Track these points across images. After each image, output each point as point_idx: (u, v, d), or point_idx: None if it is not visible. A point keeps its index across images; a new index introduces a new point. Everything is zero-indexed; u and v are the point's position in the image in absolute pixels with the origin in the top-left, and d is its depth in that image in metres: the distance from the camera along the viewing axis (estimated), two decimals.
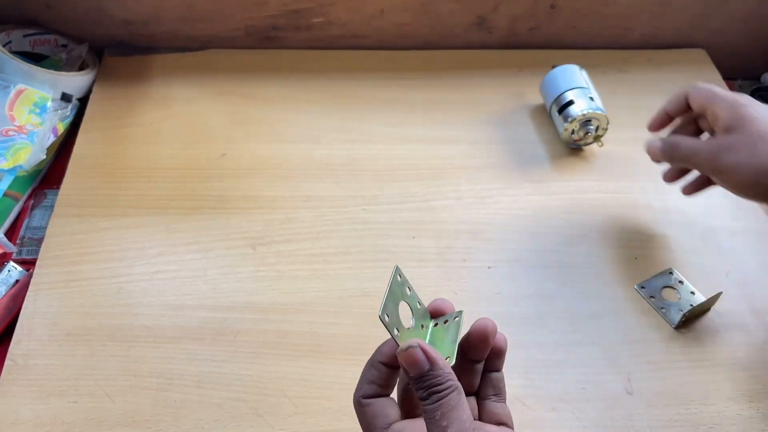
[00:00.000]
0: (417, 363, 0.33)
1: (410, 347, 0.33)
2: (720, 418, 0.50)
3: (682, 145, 0.52)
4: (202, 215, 0.61)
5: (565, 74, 0.69)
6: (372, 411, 0.35)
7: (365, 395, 0.36)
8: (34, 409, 0.48)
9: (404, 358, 0.33)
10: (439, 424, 0.32)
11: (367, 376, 0.36)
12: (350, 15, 0.76)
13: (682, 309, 0.56)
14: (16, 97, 0.64)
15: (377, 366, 0.36)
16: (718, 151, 0.49)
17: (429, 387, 0.33)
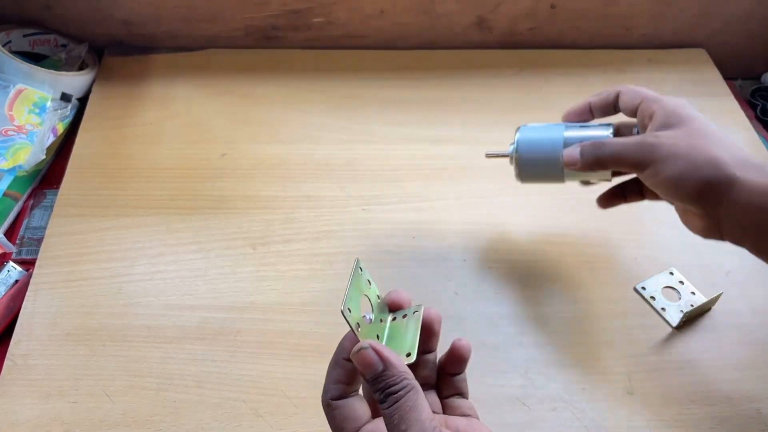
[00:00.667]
0: (370, 364, 0.32)
1: (362, 349, 0.32)
2: (720, 418, 0.50)
3: (608, 142, 0.47)
4: (202, 215, 0.61)
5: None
6: (342, 414, 0.34)
7: (333, 397, 0.35)
8: (33, 409, 0.48)
9: (357, 359, 0.33)
10: (398, 428, 0.31)
11: (332, 376, 0.35)
12: (350, 15, 0.76)
13: (682, 309, 0.56)
14: (16, 96, 0.64)
15: (341, 364, 0.35)
16: (653, 143, 0.44)
17: (384, 388, 0.32)
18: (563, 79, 0.77)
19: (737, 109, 0.74)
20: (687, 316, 0.54)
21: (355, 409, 0.35)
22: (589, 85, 0.76)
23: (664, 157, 0.44)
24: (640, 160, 0.45)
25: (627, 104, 0.49)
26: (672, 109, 0.46)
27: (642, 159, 0.45)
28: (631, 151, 0.45)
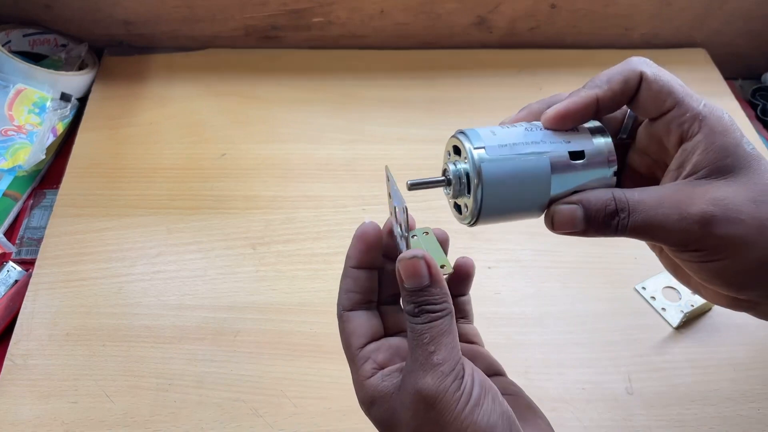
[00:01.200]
0: (419, 275, 0.30)
1: (414, 257, 0.30)
2: (720, 418, 0.50)
3: (635, 207, 0.30)
4: (202, 215, 0.61)
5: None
6: (349, 327, 0.33)
7: (345, 307, 0.33)
8: (33, 409, 0.48)
9: (406, 267, 0.30)
10: (425, 348, 0.29)
11: (342, 286, 0.34)
12: (350, 15, 0.75)
13: (682, 309, 0.56)
14: (16, 96, 0.64)
15: (349, 273, 0.34)
16: (710, 217, 0.29)
17: (423, 304, 0.30)
18: (563, 79, 0.77)
19: (737, 109, 0.74)
20: (687, 317, 0.54)
21: (362, 324, 0.33)
22: None
23: (727, 243, 0.30)
24: (684, 242, 0.30)
25: (651, 102, 0.32)
26: (724, 140, 0.30)
27: (689, 241, 0.30)
28: (675, 230, 0.30)
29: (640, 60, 0.33)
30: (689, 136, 0.31)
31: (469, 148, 0.33)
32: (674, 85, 0.32)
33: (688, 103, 0.31)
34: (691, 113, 0.31)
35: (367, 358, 0.33)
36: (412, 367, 0.30)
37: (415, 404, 0.29)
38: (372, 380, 0.32)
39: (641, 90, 0.32)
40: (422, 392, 0.29)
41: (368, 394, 0.32)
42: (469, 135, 0.34)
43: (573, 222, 0.31)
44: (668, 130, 0.32)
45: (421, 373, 0.29)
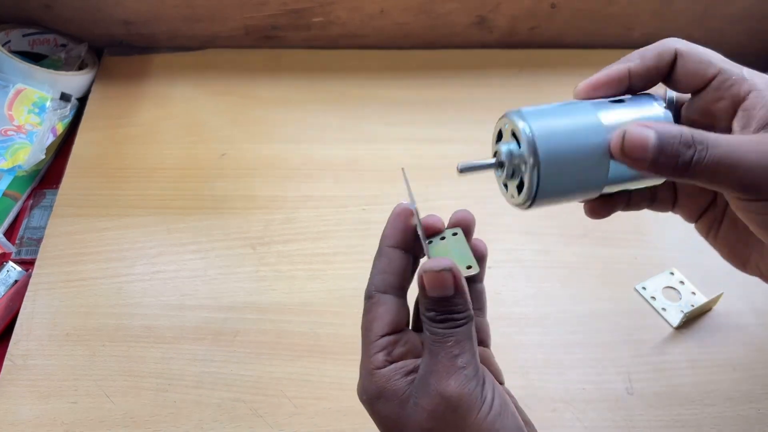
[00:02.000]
0: (443, 287, 0.30)
1: (443, 270, 0.30)
2: (721, 418, 0.50)
3: (713, 141, 0.28)
4: (202, 215, 0.61)
5: None
6: (376, 311, 0.32)
7: (377, 288, 0.32)
8: (33, 409, 0.48)
9: (432, 279, 0.30)
10: (449, 352, 0.29)
11: (376, 266, 0.33)
12: (350, 15, 0.75)
13: (683, 309, 0.56)
14: (15, 96, 0.64)
15: (385, 252, 0.33)
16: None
17: (447, 312, 0.30)
18: (563, 79, 0.77)
19: None
20: (687, 317, 0.54)
21: (389, 311, 0.32)
22: None
23: None
24: (761, 184, 0.28)
25: (692, 74, 0.31)
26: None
27: (766, 185, 0.28)
28: (755, 169, 0.28)
29: (673, 39, 0.32)
30: (743, 96, 0.31)
31: (504, 118, 0.33)
32: (711, 54, 0.32)
33: (730, 68, 0.31)
34: (736, 76, 0.31)
35: (383, 348, 0.32)
36: (433, 368, 0.29)
37: (434, 406, 0.29)
38: (384, 372, 0.31)
39: (678, 66, 0.32)
40: (445, 394, 0.29)
41: (377, 386, 0.31)
42: (513, 111, 0.33)
43: (645, 145, 0.28)
44: (718, 97, 0.31)
45: (445, 375, 0.29)
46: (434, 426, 0.29)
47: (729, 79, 0.31)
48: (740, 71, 0.31)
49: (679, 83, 0.32)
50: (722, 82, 0.31)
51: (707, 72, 0.31)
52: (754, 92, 0.30)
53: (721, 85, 0.31)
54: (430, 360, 0.30)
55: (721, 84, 0.31)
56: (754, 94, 0.30)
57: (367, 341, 0.32)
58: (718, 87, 0.31)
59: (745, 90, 0.31)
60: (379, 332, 0.32)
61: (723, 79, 0.31)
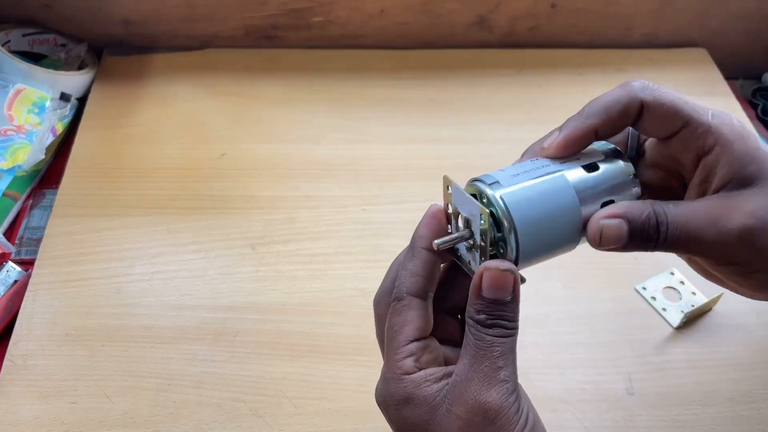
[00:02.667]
0: (503, 289, 0.29)
1: (509, 270, 0.29)
2: (721, 418, 0.50)
3: (677, 219, 0.30)
4: (202, 215, 0.61)
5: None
6: (407, 315, 0.31)
7: (410, 291, 0.31)
8: (33, 409, 0.48)
9: (494, 278, 0.29)
10: (495, 362, 0.28)
11: (409, 268, 0.31)
12: (350, 14, 0.75)
13: (683, 309, 0.56)
14: (15, 96, 0.64)
15: (419, 253, 0.31)
16: (757, 232, 0.29)
17: (499, 318, 0.29)
18: (563, 79, 0.77)
19: (738, 109, 0.74)
20: (688, 317, 0.54)
21: (419, 316, 0.31)
22: (589, 85, 0.76)
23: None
24: (725, 257, 0.30)
25: (659, 126, 0.32)
26: (742, 147, 0.30)
27: (730, 256, 0.30)
28: (715, 244, 0.29)
29: (639, 85, 0.32)
30: (707, 150, 0.31)
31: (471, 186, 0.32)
32: (679, 104, 0.31)
33: (698, 118, 0.31)
34: (702, 128, 0.31)
35: (412, 354, 0.31)
36: (471, 376, 0.29)
37: (471, 415, 0.28)
38: (413, 378, 0.30)
39: (645, 116, 0.32)
40: (485, 405, 0.28)
41: (405, 391, 0.30)
42: (483, 178, 0.32)
43: (619, 236, 0.30)
44: (683, 147, 0.32)
45: (486, 385, 0.28)
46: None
47: (695, 131, 0.31)
48: (707, 119, 0.31)
49: (647, 131, 0.33)
50: (689, 133, 0.31)
51: (674, 124, 0.31)
52: (719, 147, 0.30)
53: (687, 137, 0.31)
54: (471, 367, 0.29)
55: (687, 135, 0.31)
56: (718, 149, 0.30)
57: (395, 344, 0.31)
58: (684, 138, 0.31)
59: (710, 143, 0.31)
60: (409, 337, 0.31)
61: (690, 131, 0.31)
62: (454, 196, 0.32)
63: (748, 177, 0.30)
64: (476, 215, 0.30)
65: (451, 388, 0.29)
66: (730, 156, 0.30)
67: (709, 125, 0.31)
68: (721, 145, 0.30)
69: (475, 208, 0.30)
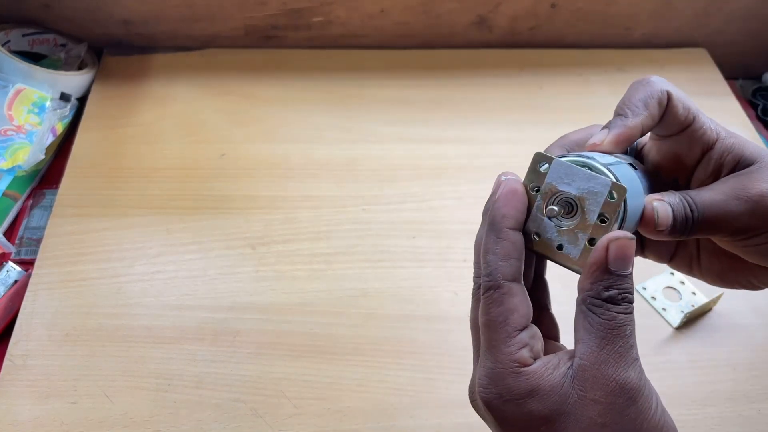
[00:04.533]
0: (627, 259, 0.28)
1: (632, 239, 0.28)
2: (721, 418, 0.50)
3: (699, 200, 0.32)
4: (202, 215, 0.61)
5: None
6: (512, 303, 0.29)
7: (506, 276, 0.29)
8: (33, 409, 0.48)
9: (620, 247, 0.28)
10: (627, 341, 0.28)
11: (499, 252, 0.29)
12: (350, 14, 0.75)
13: (683, 309, 0.56)
14: (15, 96, 0.64)
15: (506, 234, 0.29)
16: (764, 191, 0.31)
17: (626, 291, 0.28)
18: (563, 79, 0.77)
19: (738, 109, 0.74)
20: (688, 317, 0.54)
21: (524, 302, 0.30)
22: (589, 85, 0.76)
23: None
24: (749, 224, 0.32)
25: (676, 119, 0.33)
26: (737, 139, 0.33)
27: (754, 223, 0.32)
28: (738, 215, 0.31)
29: (659, 79, 0.33)
30: (710, 144, 0.33)
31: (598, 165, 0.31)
32: (690, 101, 0.33)
33: (701, 116, 0.33)
34: (706, 125, 0.33)
35: (525, 344, 0.29)
36: (606, 358, 0.28)
37: (612, 398, 0.28)
38: (534, 369, 0.29)
39: (668, 109, 0.33)
40: (627, 386, 0.28)
41: (528, 384, 0.28)
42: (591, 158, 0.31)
43: (668, 218, 0.31)
44: (692, 142, 0.33)
45: (623, 365, 0.28)
46: (610, 420, 0.27)
47: (701, 127, 0.33)
48: (707, 119, 0.33)
49: (662, 127, 0.33)
50: (697, 129, 0.33)
51: (688, 117, 0.33)
52: (719, 141, 0.33)
53: (695, 132, 0.33)
54: (603, 349, 0.28)
55: (695, 130, 0.33)
56: (719, 143, 0.33)
57: (505, 336, 0.29)
58: (691, 134, 0.33)
59: (713, 138, 0.33)
60: (518, 326, 0.29)
61: (698, 126, 0.33)
62: (556, 173, 0.30)
63: (749, 158, 0.32)
64: (598, 192, 0.29)
65: (579, 373, 0.28)
66: (730, 146, 0.33)
67: (710, 124, 0.33)
68: (721, 140, 0.33)
69: (598, 183, 0.29)
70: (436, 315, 0.55)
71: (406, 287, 0.57)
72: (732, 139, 0.33)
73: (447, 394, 0.50)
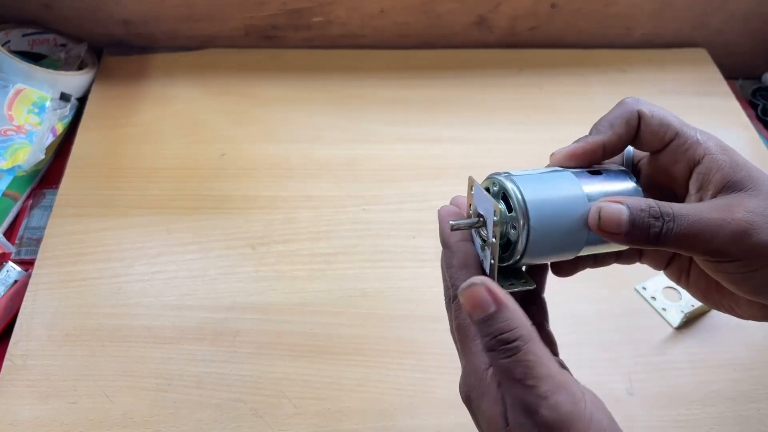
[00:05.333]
0: (480, 304, 0.28)
1: (472, 284, 0.28)
2: (721, 418, 0.50)
3: (678, 213, 0.31)
4: (202, 215, 0.61)
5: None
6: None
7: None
8: (33, 409, 0.48)
9: (466, 298, 0.28)
10: (521, 383, 0.27)
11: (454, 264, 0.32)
12: (350, 14, 0.75)
13: (683, 309, 0.56)
14: (15, 96, 0.64)
15: (458, 247, 0.32)
16: (747, 225, 0.30)
17: (496, 333, 0.28)
18: (563, 79, 0.77)
19: (738, 109, 0.74)
20: (688, 317, 0.54)
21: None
22: (589, 85, 0.76)
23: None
24: (727, 249, 0.30)
25: (652, 137, 0.34)
26: (730, 157, 0.32)
27: (732, 249, 0.30)
28: (718, 237, 0.30)
29: (634, 100, 0.34)
30: (697, 160, 0.33)
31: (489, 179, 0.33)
32: (670, 117, 0.34)
33: (686, 131, 0.33)
34: (691, 140, 0.33)
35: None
36: (512, 403, 0.28)
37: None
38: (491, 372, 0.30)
39: (641, 128, 0.34)
40: (549, 425, 0.27)
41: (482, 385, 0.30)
42: (503, 177, 0.33)
43: (619, 220, 0.30)
44: (675, 158, 0.33)
45: (525, 413, 0.27)
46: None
47: (685, 143, 0.33)
48: (695, 134, 0.33)
49: (642, 144, 0.34)
50: (679, 145, 0.33)
51: (666, 135, 0.33)
52: (708, 156, 0.32)
53: (678, 148, 0.33)
54: (508, 394, 0.28)
55: (678, 147, 0.33)
56: (708, 158, 0.32)
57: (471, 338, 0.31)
58: (675, 149, 0.33)
59: (700, 153, 0.33)
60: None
61: (680, 143, 0.33)
62: (476, 195, 0.33)
63: (740, 182, 0.32)
64: (491, 210, 0.31)
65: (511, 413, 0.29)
66: (720, 163, 0.32)
67: (697, 138, 0.33)
68: (710, 155, 0.33)
69: (490, 203, 0.31)
70: (436, 315, 0.55)
71: (406, 287, 0.57)
72: (724, 157, 0.32)
73: (447, 394, 0.50)
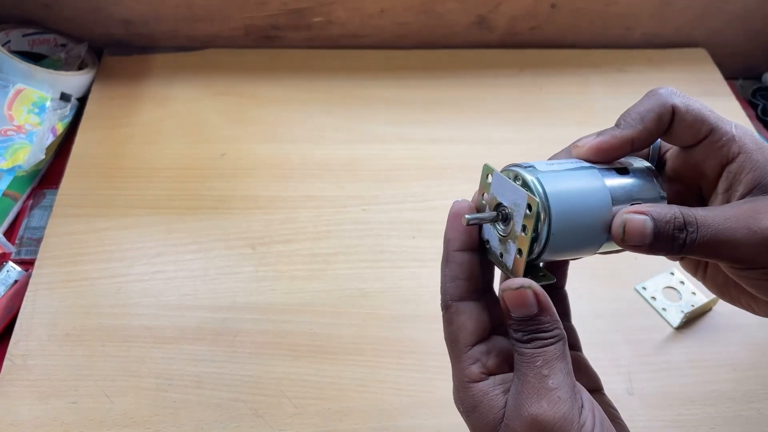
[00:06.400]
0: (526, 305, 0.29)
1: (521, 287, 0.29)
2: (721, 418, 0.50)
3: (702, 222, 0.30)
4: (202, 215, 0.61)
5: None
6: (460, 321, 0.31)
7: (453, 297, 0.31)
8: (33, 409, 0.48)
9: (512, 298, 0.29)
10: (539, 372, 0.28)
11: (447, 274, 0.31)
12: (350, 14, 0.75)
13: (683, 309, 0.56)
14: (15, 96, 0.64)
15: (452, 257, 0.31)
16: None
17: (533, 332, 0.29)
18: (563, 79, 0.77)
19: (738, 109, 0.74)
20: (687, 317, 0.54)
21: (471, 318, 0.31)
22: (589, 85, 0.76)
23: None
24: (753, 258, 0.30)
25: (686, 132, 0.32)
26: (766, 158, 0.31)
27: (758, 258, 0.30)
28: (744, 245, 0.29)
29: (668, 91, 0.32)
30: (731, 158, 0.31)
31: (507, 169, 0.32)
32: (706, 112, 0.32)
33: (722, 127, 0.32)
34: (727, 136, 0.31)
35: (476, 360, 0.31)
36: (522, 389, 0.28)
37: (527, 429, 0.28)
38: (480, 386, 0.30)
39: (675, 122, 0.32)
40: (538, 418, 0.28)
41: (473, 399, 0.30)
42: (527, 170, 0.31)
43: (643, 233, 0.29)
44: (708, 155, 0.32)
45: (535, 397, 0.28)
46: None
47: (720, 140, 0.31)
48: (731, 129, 0.32)
49: (674, 139, 0.33)
50: (714, 141, 0.32)
51: (701, 131, 0.32)
52: (743, 155, 0.31)
53: (712, 145, 0.32)
54: (520, 381, 0.29)
55: (712, 144, 0.32)
56: (742, 157, 0.31)
57: (458, 353, 0.31)
58: (708, 146, 0.32)
59: (734, 152, 0.31)
60: (468, 342, 0.31)
61: (715, 139, 0.32)
62: (495, 184, 0.31)
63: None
64: (521, 204, 0.29)
65: (508, 403, 0.29)
66: (754, 163, 0.31)
67: (733, 134, 0.31)
68: (745, 153, 0.31)
69: (520, 196, 0.29)
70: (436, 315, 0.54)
71: (406, 287, 0.57)
72: (759, 156, 0.31)
73: (447, 394, 0.50)
